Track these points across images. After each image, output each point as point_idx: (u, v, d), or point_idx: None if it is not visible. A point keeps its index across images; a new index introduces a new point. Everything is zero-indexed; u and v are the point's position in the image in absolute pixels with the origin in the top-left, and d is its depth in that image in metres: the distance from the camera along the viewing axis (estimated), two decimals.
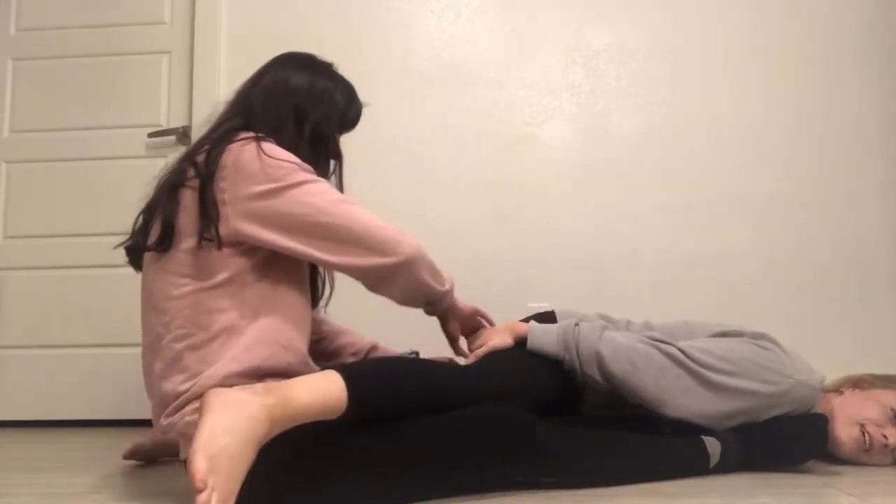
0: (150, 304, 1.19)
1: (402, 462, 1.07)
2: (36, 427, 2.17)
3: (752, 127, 2.20)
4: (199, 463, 0.84)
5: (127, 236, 1.24)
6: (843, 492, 1.17)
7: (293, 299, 1.20)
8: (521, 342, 1.35)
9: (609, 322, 1.48)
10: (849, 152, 2.18)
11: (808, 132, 2.19)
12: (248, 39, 2.31)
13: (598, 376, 1.28)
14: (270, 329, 1.15)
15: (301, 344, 1.19)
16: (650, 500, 1.12)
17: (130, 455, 1.54)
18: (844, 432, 1.36)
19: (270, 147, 1.17)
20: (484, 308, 1.54)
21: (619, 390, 1.28)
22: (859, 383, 1.45)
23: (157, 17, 2.35)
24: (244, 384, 1.02)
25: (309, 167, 1.20)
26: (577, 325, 1.33)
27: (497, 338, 1.36)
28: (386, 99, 2.25)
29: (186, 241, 1.14)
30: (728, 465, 1.28)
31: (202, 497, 0.82)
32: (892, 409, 1.36)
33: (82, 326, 2.23)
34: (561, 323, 1.36)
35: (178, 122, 2.29)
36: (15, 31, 2.40)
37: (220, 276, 1.13)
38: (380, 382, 1.08)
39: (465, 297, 2.15)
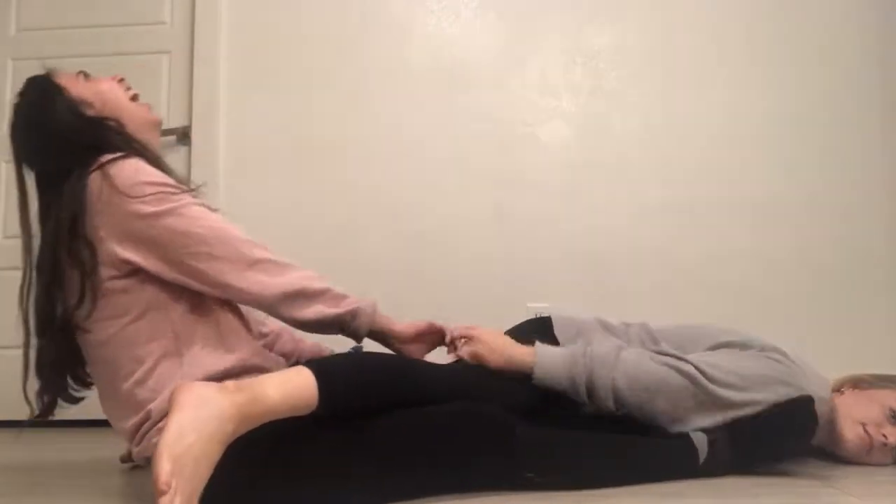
0: (91, 356, 1.17)
1: (376, 459, 1.07)
2: (35, 427, 2.17)
3: (751, 127, 2.20)
4: (164, 464, 0.84)
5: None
6: (843, 492, 1.17)
7: (222, 300, 1.17)
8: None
9: (606, 328, 1.46)
10: (849, 152, 2.18)
11: (808, 132, 2.19)
12: (248, 39, 2.31)
13: (611, 406, 1.25)
14: (209, 337, 1.13)
15: (247, 341, 1.17)
16: (650, 500, 1.12)
17: (128, 458, 1.53)
18: (850, 431, 1.36)
19: (137, 165, 1.12)
20: (484, 309, 1.52)
21: (632, 414, 1.26)
22: (859, 383, 1.45)
23: (157, 17, 2.35)
24: None
25: (180, 186, 1.15)
26: (585, 353, 1.26)
27: (491, 359, 1.28)
28: (386, 99, 2.26)
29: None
30: (719, 460, 1.25)
31: (165, 500, 0.82)
32: (890, 409, 1.36)
33: None
34: (569, 357, 1.27)
35: (178, 122, 2.28)
36: (15, 31, 2.39)
37: (139, 307, 1.11)
38: (351, 378, 1.08)
39: (466, 296, 2.18)
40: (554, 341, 1.40)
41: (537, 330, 1.44)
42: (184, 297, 1.14)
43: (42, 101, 1.21)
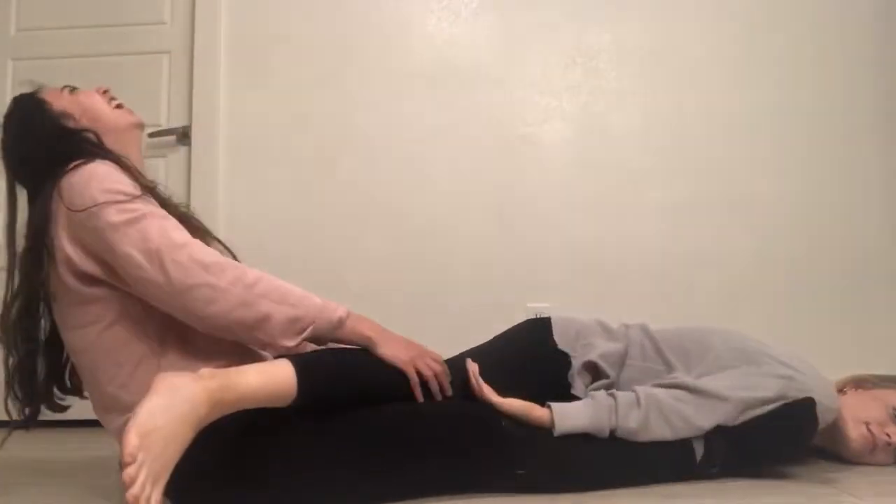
0: (77, 362, 1.19)
1: (360, 455, 1.07)
2: (36, 427, 2.17)
3: (752, 127, 2.20)
4: (131, 438, 0.84)
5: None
6: (843, 492, 1.17)
7: None
8: None
9: (606, 330, 1.45)
10: (848, 152, 2.18)
11: (809, 132, 2.19)
12: (248, 39, 2.31)
13: None
14: (188, 344, 1.13)
15: (229, 345, 1.16)
16: (650, 500, 1.12)
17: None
18: (853, 430, 1.35)
19: (91, 173, 1.11)
20: (484, 309, 1.51)
21: None
22: (862, 383, 1.44)
23: (157, 17, 2.35)
24: None
25: (132, 192, 1.10)
26: (609, 423, 1.21)
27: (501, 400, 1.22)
28: (386, 99, 2.26)
29: (62, 299, 1.13)
30: (717, 459, 1.23)
31: (130, 470, 0.82)
32: (893, 409, 1.36)
33: None
34: (595, 423, 1.21)
35: (178, 122, 2.28)
36: (15, 31, 2.39)
37: (112, 312, 1.11)
38: (331, 371, 1.09)
39: (466, 297, 2.17)
40: (553, 342, 1.39)
41: (536, 330, 1.43)
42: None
43: (26, 116, 1.23)
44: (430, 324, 1.50)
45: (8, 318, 1.15)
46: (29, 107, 1.23)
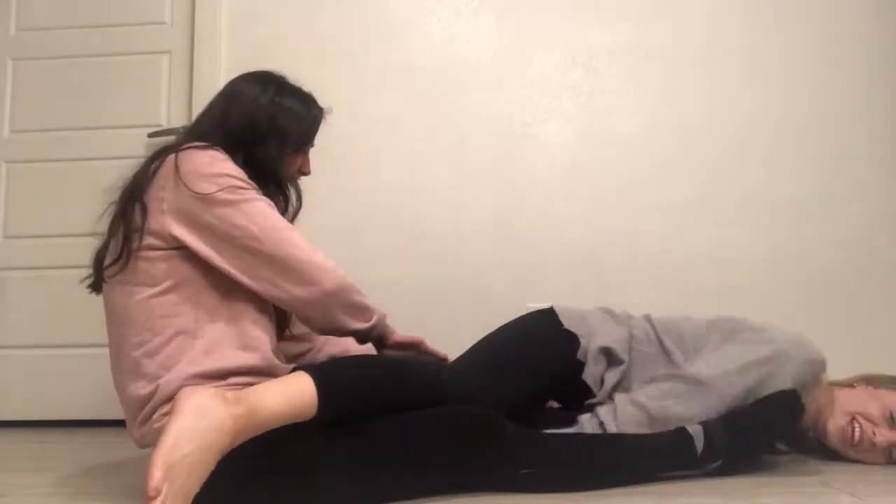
0: (110, 318, 1.20)
1: (368, 461, 1.07)
2: (36, 427, 2.17)
3: (752, 127, 2.20)
4: (155, 471, 0.85)
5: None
6: (842, 492, 1.17)
7: (251, 300, 1.20)
8: None
9: (611, 316, 1.48)
10: (852, 152, 2.17)
11: (809, 132, 2.19)
12: (248, 39, 2.31)
13: None
14: (227, 331, 1.15)
15: (262, 343, 1.18)
16: (650, 499, 1.12)
17: None
18: (832, 422, 1.37)
19: (215, 155, 1.19)
20: (484, 309, 1.52)
21: None
22: (872, 381, 1.45)
23: (157, 17, 2.35)
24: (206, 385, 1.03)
25: (252, 184, 1.21)
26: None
27: None
28: (386, 99, 2.26)
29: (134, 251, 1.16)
30: (716, 450, 1.24)
31: None
32: (890, 412, 1.36)
33: (82, 326, 2.23)
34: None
35: (178, 122, 2.28)
36: (15, 31, 2.39)
37: (170, 281, 1.14)
38: (350, 383, 1.09)
39: (465, 296, 2.18)
40: (559, 323, 1.41)
41: (541, 317, 1.44)
42: (217, 286, 1.17)
43: (274, 93, 1.44)
44: (430, 324, 1.50)
45: (100, 254, 1.21)
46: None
